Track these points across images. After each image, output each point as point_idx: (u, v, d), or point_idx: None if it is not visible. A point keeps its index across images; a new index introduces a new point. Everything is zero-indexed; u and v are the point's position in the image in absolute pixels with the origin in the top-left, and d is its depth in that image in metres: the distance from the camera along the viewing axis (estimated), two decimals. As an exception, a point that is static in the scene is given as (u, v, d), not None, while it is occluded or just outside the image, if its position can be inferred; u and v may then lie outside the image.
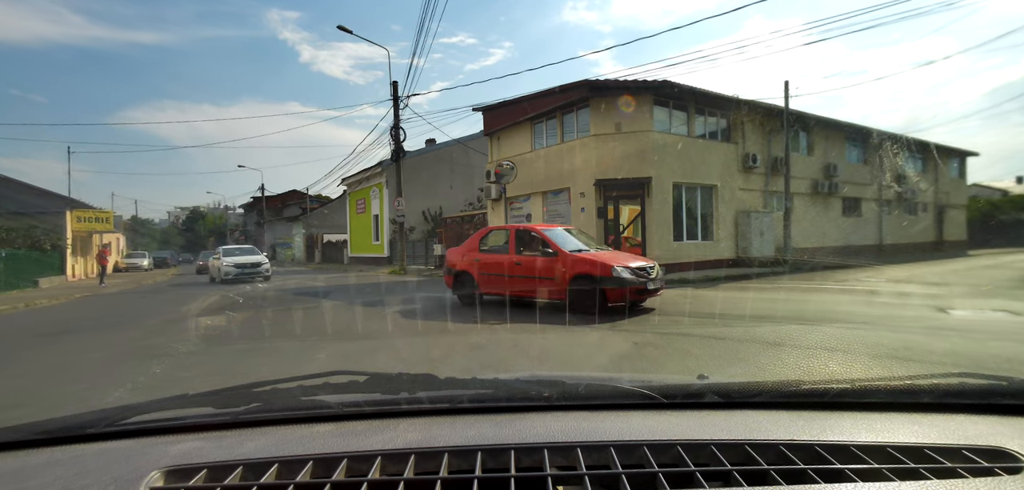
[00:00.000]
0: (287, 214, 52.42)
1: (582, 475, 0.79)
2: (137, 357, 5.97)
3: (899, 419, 1.00)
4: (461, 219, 23.85)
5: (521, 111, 18.01)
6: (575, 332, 6.68)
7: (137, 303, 13.12)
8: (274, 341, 6.83)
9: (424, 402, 1.10)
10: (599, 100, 15.56)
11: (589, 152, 15.76)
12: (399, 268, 21.69)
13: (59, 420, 1.06)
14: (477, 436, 0.92)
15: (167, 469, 0.83)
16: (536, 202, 17.99)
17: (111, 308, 12.14)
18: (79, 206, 24.56)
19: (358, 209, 32.56)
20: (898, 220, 24.53)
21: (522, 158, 18.06)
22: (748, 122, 17.71)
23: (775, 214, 18.13)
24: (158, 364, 5.43)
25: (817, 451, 0.85)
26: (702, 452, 0.86)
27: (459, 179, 29.82)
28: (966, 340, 5.70)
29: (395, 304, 10.38)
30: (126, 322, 9.35)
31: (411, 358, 5.44)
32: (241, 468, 0.83)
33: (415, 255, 25.82)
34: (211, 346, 6.69)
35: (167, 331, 7.91)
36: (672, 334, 6.35)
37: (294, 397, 1.17)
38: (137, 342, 7.10)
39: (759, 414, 1.02)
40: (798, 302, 9.24)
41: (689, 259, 15.77)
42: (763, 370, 4.52)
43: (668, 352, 5.42)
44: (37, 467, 0.89)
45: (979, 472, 0.79)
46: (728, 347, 5.44)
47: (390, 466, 0.84)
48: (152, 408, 1.10)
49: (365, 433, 0.95)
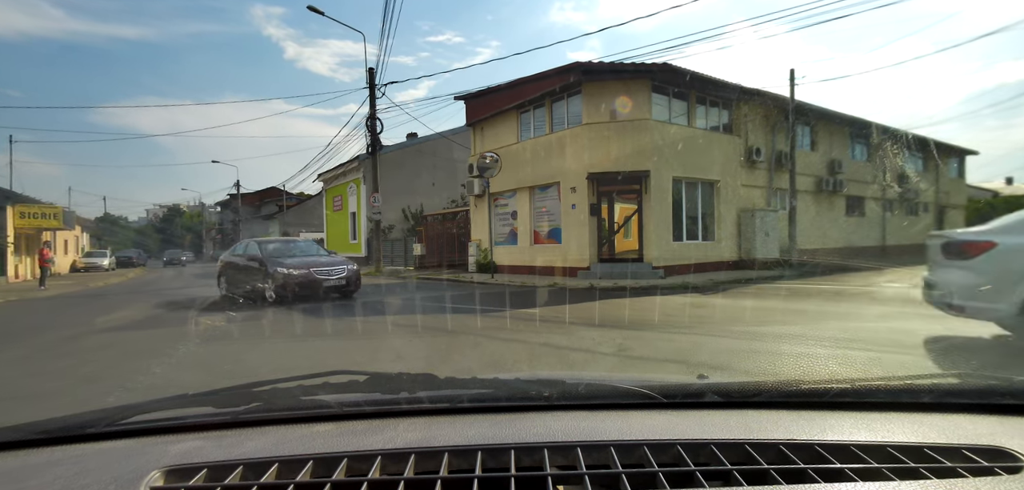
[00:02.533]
0: (265, 212, 50.36)
1: (582, 475, 0.79)
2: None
3: (899, 419, 0.99)
4: (442, 217, 22.31)
5: (506, 99, 16.53)
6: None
7: (58, 311, 11.38)
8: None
9: (424, 402, 1.10)
10: (592, 86, 14.15)
11: (581, 143, 14.34)
12: (374, 269, 20.08)
13: (59, 420, 1.05)
14: (477, 436, 0.92)
15: (167, 468, 0.82)
16: (523, 198, 16.52)
17: (18, 318, 10.48)
18: (23, 200, 22.49)
19: (335, 206, 30.85)
20: (900, 220, 23.53)
21: (507, 150, 16.58)
22: (751, 113, 16.44)
23: (780, 213, 16.87)
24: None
25: (817, 451, 0.85)
26: (702, 452, 0.86)
27: (442, 175, 28.24)
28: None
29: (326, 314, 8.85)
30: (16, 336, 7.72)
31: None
32: (241, 468, 0.83)
33: (393, 256, 24.22)
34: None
35: (57, 349, 6.29)
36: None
37: (294, 397, 1.18)
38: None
39: (759, 414, 1.02)
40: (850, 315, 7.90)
41: (689, 261, 14.44)
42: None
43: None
44: (37, 467, 0.88)
45: (979, 472, 0.79)
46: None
47: (390, 466, 0.84)
48: (152, 408, 1.10)
49: (365, 433, 0.95)
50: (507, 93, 16.40)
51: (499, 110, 17.08)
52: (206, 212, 75.32)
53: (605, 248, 14.47)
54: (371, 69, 19.84)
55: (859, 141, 21.54)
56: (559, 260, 14.91)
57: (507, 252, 17.01)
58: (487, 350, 5.73)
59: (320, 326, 7.72)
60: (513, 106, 16.51)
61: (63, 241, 30.35)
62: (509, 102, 16.48)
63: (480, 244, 17.56)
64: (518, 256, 16.55)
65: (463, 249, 18.71)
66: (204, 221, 73.02)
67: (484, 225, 16.88)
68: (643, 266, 13.58)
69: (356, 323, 8.12)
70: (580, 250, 14.28)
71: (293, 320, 8.33)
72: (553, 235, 15.57)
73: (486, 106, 17.59)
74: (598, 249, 14.30)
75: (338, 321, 8.19)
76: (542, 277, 14.43)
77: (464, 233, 19.57)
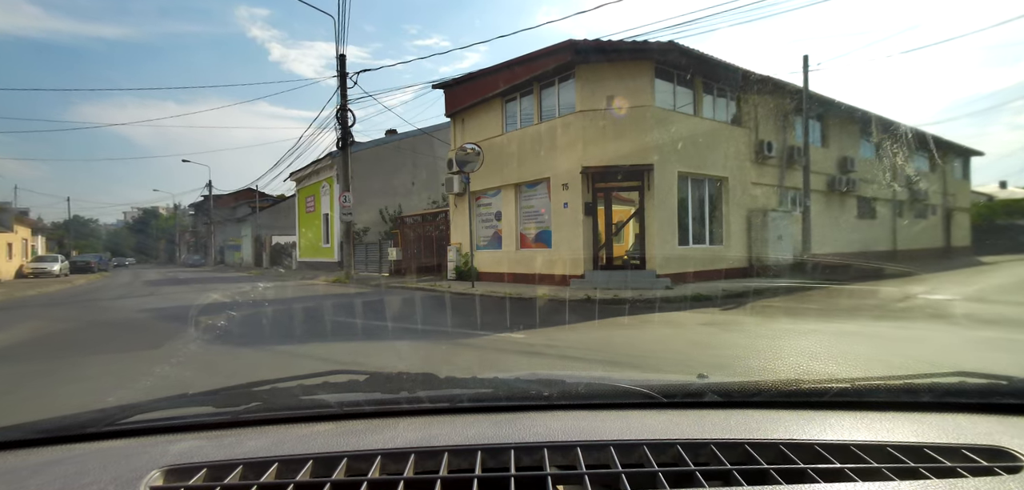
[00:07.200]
0: (240, 214, 47.96)
1: (582, 474, 0.79)
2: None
3: (899, 418, 0.99)
4: (422, 218, 20.40)
5: (490, 85, 14.71)
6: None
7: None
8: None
9: (424, 401, 1.09)
10: (587, 68, 12.40)
11: (574, 134, 12.58)
12: (344, 276, 18.09)
13: (59, 419, 1.04)
14: (477, 435, 0.92)
15: (167, 468, 0.82)
16: (508, 197, 14.69)
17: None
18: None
19: (307, 207, 28.77)
20: (910, 223, 22.14)
21: (491, 143, 14.76)
22: (761, 104, 14.81)
23: (794, 214, 15.25)
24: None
25: (817, 450, 0.84)
26: (702, 451, 0.85)
27: (423, 174, 26.34)
28: None
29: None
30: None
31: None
32: (241, 467, 0.82)
33: (368, 260, 22.24)
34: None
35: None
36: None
37: (294, 396, 1.17)
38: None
39: (759, 413, 1.01)
40: (949, 346, 6.17)
41: (696, 267, 12.75)
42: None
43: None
44: (37, 466, 0.88)
45: (979, 471, 0.79)
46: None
47: (390, 465, 0.84)
48: (152, 407, 1.10)
49: (365, 432, 0.94)
50: (490, 78, 14.58)
51: (482, 98, 15.24)
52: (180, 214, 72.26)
53: (602, 253, 12.71)
54: (342, 55, 17.96)
55: (869, 138, 20.07)
56: (549, 267, 13.11)
57: (490, 257, 15.16)
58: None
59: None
60: (497, 93, 14.69)
61: (7, 244, 27.80)
62: (493, 89, 14.67)
63: (460, 248, 15.70)
64: (503, 262, 14.71)
65: (444, 253, 16.83)
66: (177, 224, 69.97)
67: (465, 227, 15.02)
68: (646, 273, 11.84)
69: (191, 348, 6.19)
70: (573, 255, 12.50)
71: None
72: (542, 238, 13.78)
73: (467, 94, 15.75)
74: (594, 254, 12.54)
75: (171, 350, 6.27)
76: (530, 285, 12.61)
77: (445, 236, 17.70)
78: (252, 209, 41.11)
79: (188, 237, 65.34)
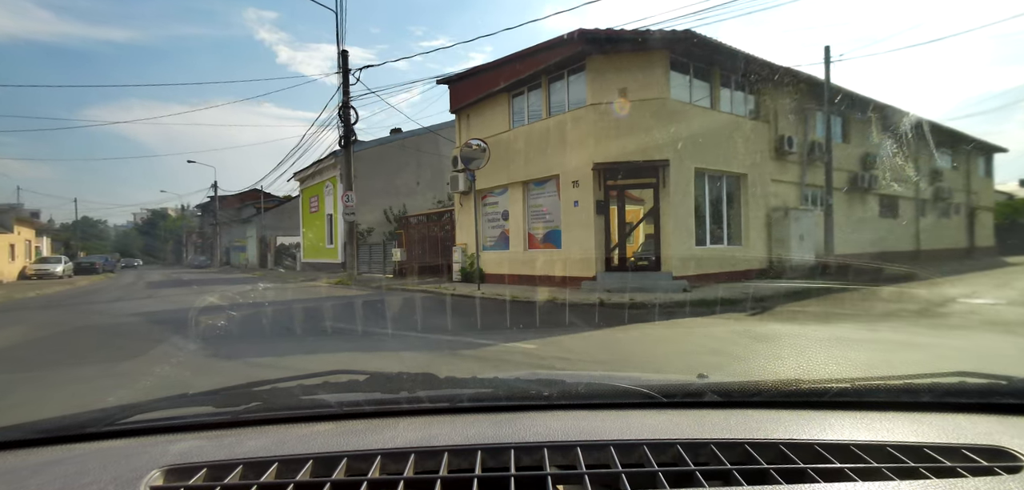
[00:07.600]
0: (245, 214, 47.74)
1: (582, 474, 0.78)
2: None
3: (899, 418, 0.97)
4: (427, 218, 19.85)
5: (496, 79, 14.11)
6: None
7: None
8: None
9: (424, 401, 1.09)
10: (599, 59, 11.78)
11: (585, 129, 11.97)
12: (347, 277, 17.58)
13: (58, 419, 1.04)
14: (477, 435, 0.91)
15: (167, 468, 0.82)
16: (515, 195, 14.09)
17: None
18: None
19: (311, 208, 28.34)
20: (934, 222, 21.29)
21: (498, 139, 14.17)
22: (781, 97, 14.12)
23: (816, 212, 14.54)
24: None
25: (817, 450, 0.84)
26: (702, 451, 0.85)
27: (429, 174, 25.78)
28: None
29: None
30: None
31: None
32: (241, 467, 0.82)
33: (372, 261, 21.73)
34: None
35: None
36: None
37: (294, 396, 1.17)
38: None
39: (759, 413, 1.01)
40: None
41: (715, 269, 12.09)
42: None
43: None
44: (37, 466, 0.87)
45: (979, 471, 0.78)
46: None
47: (390, 465, 0.83)
48: (152, 407, 1.09)
49: (365, 432, 0.94)
50: (496, 73, 14.00)
51: (487, 93, 14.65)
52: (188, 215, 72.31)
53: (614, 253, 12.08)
54: (343, 51, 17.46)
55: (892, 133, 19.26)
56: (558, 268, 12.50)
57: (497, 258, 14.57)
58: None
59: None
60: (503, 88, 14.10)
61: (9, 245, 27.57)
62: (499, 83, 14.07)
63: (466, 249, 15.13)
64: (510, 263, 14.11)
65: (449, 254, 16.26)
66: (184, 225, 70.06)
67: (470, 227, 14.44)
68: (661, 276, 11.19)
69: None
70: (584, 256, 11.89)
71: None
72: (551, 238, 13.17)
73: (472, 89, 15.17)
74: (606, 254, 11.91)
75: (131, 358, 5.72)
76: (538, 287, 12.00)
77: (450, 236, 17.14)
78: (257, 210, 40.84)
79: (195, 238, 65.33)
